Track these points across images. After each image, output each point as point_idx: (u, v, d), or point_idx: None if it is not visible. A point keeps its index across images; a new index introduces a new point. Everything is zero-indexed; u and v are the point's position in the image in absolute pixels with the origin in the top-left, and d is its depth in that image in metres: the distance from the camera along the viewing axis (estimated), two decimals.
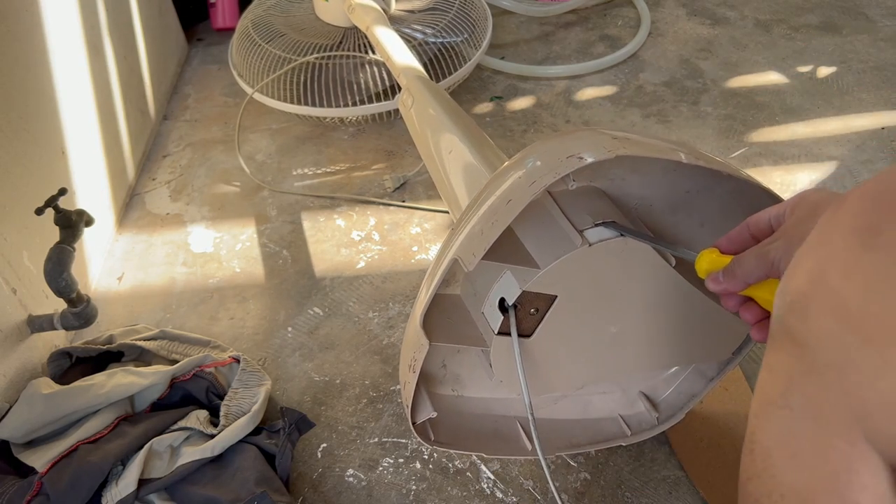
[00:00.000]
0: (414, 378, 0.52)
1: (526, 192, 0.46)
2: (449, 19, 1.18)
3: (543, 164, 0.48)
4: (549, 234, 0.52)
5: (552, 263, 0.50)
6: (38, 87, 0.85)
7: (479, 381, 0.65)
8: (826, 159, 1.10)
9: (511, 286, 0.51)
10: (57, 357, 0.78)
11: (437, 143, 0.77)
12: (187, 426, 0.71)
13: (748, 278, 0.42)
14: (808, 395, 0.31)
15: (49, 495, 0.64)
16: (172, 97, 1.34)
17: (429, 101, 0.83)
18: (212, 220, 1.06)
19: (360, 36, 1.14)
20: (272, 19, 1.21)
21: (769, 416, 0.33)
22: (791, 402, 0.32)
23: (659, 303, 0.56)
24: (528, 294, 0.51)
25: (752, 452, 0.35)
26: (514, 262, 0.51)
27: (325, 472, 0.73)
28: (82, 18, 0.98)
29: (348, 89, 1.11)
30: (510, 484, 0.71)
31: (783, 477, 0.32)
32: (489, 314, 0.54)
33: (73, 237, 0.75)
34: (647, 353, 0.61)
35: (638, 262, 0.53)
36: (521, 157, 0.51)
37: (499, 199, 0.48)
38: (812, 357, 0.30)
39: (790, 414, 0.32)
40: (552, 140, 0.51)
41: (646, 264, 0.53)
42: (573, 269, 0.51)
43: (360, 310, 0.90)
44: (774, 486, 0.33)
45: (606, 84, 1.30)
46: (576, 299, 0.53)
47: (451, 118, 0.78)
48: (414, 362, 0.52)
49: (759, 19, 1.45)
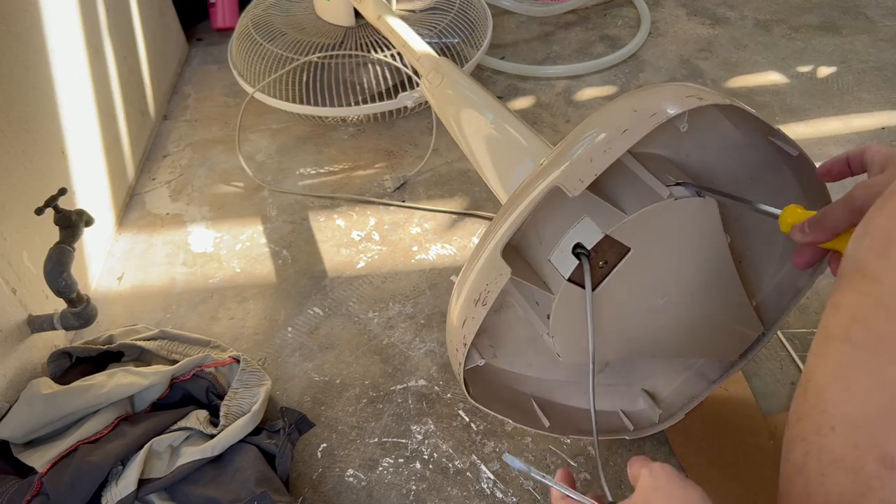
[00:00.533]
0: (483, 312, 0.50)
1: (646, 123, 0.46)
2: (449, 20, 1.18)
3: (662, 100, 0.48)
4: (634, 186, 0.52)
5: (640, 210, 0.50)
6: (38, 87, 0.85)
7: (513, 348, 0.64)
8: (826, 159, 1.09)
9: (590, 231, 0.50)
10: (57, 357, 0.78)
11: (476, 112, 0.79)
12: (187, 426, 0.71)
13: (836, 227, 0.43)
14: (871, 328, 0.32)
15: (49, 495, 0.64)
16: (172, 97, 1.34)
17: (460, 76, 0.86)
18: (212, 220, 1.06)
19: (362, 35, 1.15)
20: (272, 18, 1.21)
21: (828, 351, 0.35)
22: (852, 335, 0.33)
23: (704, 281, 0.57)
24: (601, 245, 0.50)
25: (804, 392, 0.36)
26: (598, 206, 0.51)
27: (325, 472, 0.73)
28: (82, 18, 0.98)
29: (350, 89, 1.11)
30: (510, 484, 0.71)
31: (836, 409, 0.33)
32: (559, 260, 0.52)
33: (73, 237, 0.75)
34: (673, 338, 0.61)
35: (701, 232, 0.54)
36: (629, 98, 0.51)
37: (612, 130, 0.47)
38: (882, 292, 0.32)
39: (850, 347, 0.33)
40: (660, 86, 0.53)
41: (707, 236, 0.54)
42: (652, 223, 0.51)
43: (360, 310, 0.90)
44: (825, 419, 0.34)
45: (606, 84, 1.30)
46: (643, 258, 0.53)
47: (484, 91, 0.82)
48: (486, 294, 0.49)
49: (759, 19, 1.45)
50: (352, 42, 1.14)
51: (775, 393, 0.77)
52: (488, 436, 0.75)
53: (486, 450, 0.74)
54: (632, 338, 0.59)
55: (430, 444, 0.75)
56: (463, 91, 0.85)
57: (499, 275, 0.49)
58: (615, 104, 0.52)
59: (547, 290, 0.53)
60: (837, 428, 0.33)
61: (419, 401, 0.79)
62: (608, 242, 0.51)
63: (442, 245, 0.99)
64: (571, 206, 0.52)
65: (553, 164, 0.50)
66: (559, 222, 0.53)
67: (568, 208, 0.52)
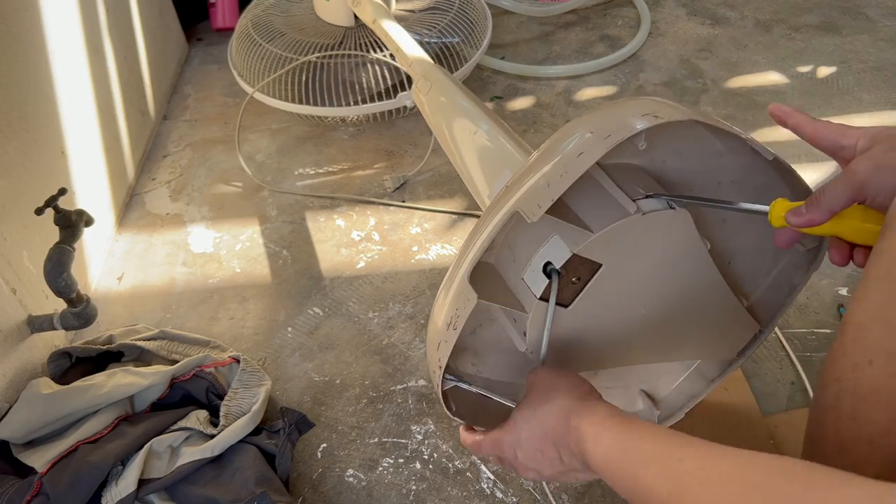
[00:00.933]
0: (454, 336, 0.50)
1: (600, 146, 0.46)
2: (449, 19, 1.18)
3: (617, 121, 0.48)
4: (601, 201, 0.52)
5: (606, 228, 0.50)
6: (38, 87, 0.85)
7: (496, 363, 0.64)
8: (826, 159, 1.08)
9: (559, 249, 0.51)
10: (57, 357, 0.78)
11: (462, 122, 0.79)
12: (187, 426, 0.71)
13: (834, 205, 0.42)
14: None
15: (49, 495, 0.64)
16: (172, 97, 1.34)
17: (448, 85, 0.85)
18: (212, 220, 1.06)
19: (361, 35, 1.15)
20: (272, 19, 1.21)
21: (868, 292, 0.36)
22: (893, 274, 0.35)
23: (687, 288, 0.58)
24: (571, 262, 0.51)
25: (843, 333, 0.37)
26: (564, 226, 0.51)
27: (325, 473, 0.73)
28: (82, 18, 0.98)
29: (350, 89, 1.11)
30: (510, 484, 0.71)
31: (875, 344, 0.35)
32: (531, 279, 0.53)
33: (73, 237, 0.75)
34: (665, 343, 0.61)
35: (677, 242, 0.54)
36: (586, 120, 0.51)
37: (567, 154, 0.48)
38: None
39: (890, 285, 0.35)
40: (618, 104, 0.52)
41: (683, 245, 0.54)
42: (621, 238, 0.51)
43: (360, 310, 0.90)
44: (863, 354, 0.35)
45: (606, 84, 1.30)
46: (617, 272, 0.53)
47: (473, 100, 0.81)
48: (456, 319, 0.50)
49: (759, 19, 1.45)
50: (351, 42, 1.14)
51: (775, 393, 0.77)
52: None
53: None
54: (619, 346, 0.60)
55: (430, 444, 0.75)
56: (451, 99, 0.84)
57: (466, 300, 0.50)
58: (573, 125, 0.52)
59: (521, 310, 0.54)
60: (875, 361, 0.34)
61: (419, 401, 0.79)
62: (579, 260, 0.51)
63: (442, 245, 0.99)
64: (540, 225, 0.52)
65: (515, 185, 0.50)
66: (530, 241, 0.54)
67: (537, 227, 0.52)
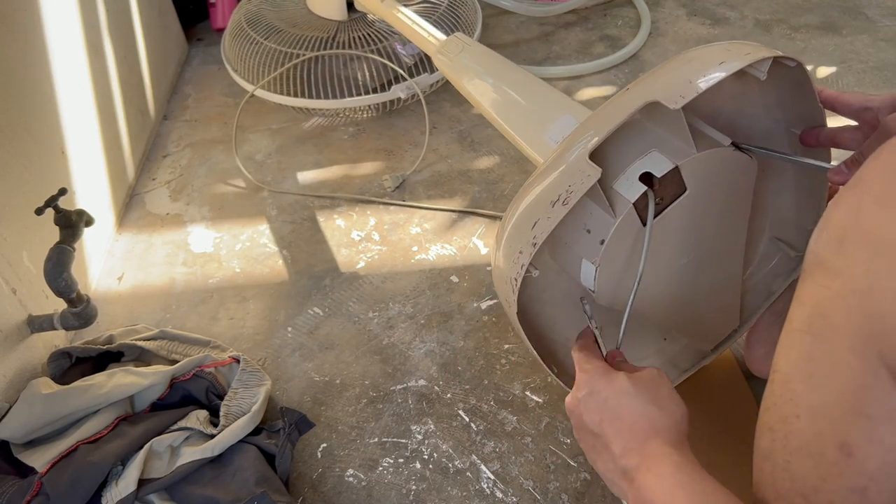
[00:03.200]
0: (563, 212, 0.49)
1: (741, 60, 0.49)
2: (438, 15, 1.19)
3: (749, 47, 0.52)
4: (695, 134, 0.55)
5: (708, 150, 0.53)
6: (38, 86, 0.85)
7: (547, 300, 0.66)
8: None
9: (659, 162, 0.53)
10: (57, 357, 0.78)
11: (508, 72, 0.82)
12: (187, 426, 0.71)
13: None
14: (829, 320, 0.33)
15: (49, 495, 0.64)
16: (172, 97, 1.34)
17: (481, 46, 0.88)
18: (212, 220, 1.06)
19: (354, 29, 1.15)
20: (265, 13, 1.22)
21: (792, 343, 0.36)
22: (813, 327, 0.34)
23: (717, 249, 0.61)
24: (661, 181, 0.53)
25: (772, 382, 0.37)
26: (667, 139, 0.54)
27: (324, 472, 0.73)
28: (82, 18, 0.98)
29: (344, 83, 1.11)
30: (510, 484, 0.71)
31: (800, 398, 0.35)
32: (625, 187, 0.54)
33: (73, 237, 0.75)
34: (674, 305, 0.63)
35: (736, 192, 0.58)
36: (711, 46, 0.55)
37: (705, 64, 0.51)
38: (840, 285, 0.33)
39: (811, 339, 0.34)
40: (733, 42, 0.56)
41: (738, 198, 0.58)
42: (709, 169, 0.54)
43: (360, 310, 0.90)
44: (791, 408, 0.35)
45: (607, 84, 1.30)
46: (692, 203, 0.55)
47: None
48: (568, 195, 0.49)
49: (759, 19, 1.45)
50: (344, 36, 1.14)
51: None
52: (488, 436, 0.75)
53: (485, 450, 0.74)
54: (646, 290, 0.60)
55: (430, 444, 0.75)
56: (488, 56, 0.86)
57: (586, 175, 0.49)
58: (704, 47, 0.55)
59: (610, 213, 0.54)
60: (802, 416, 0.34)
61: (419, 401, 0.79)
62: (668, 180, 0.53)
63: (442, 245, 0.99)
64: (639, 139, 0.54)
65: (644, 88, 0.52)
66: (624, 153, 0.55)
67: (635, 141, 0.54)
